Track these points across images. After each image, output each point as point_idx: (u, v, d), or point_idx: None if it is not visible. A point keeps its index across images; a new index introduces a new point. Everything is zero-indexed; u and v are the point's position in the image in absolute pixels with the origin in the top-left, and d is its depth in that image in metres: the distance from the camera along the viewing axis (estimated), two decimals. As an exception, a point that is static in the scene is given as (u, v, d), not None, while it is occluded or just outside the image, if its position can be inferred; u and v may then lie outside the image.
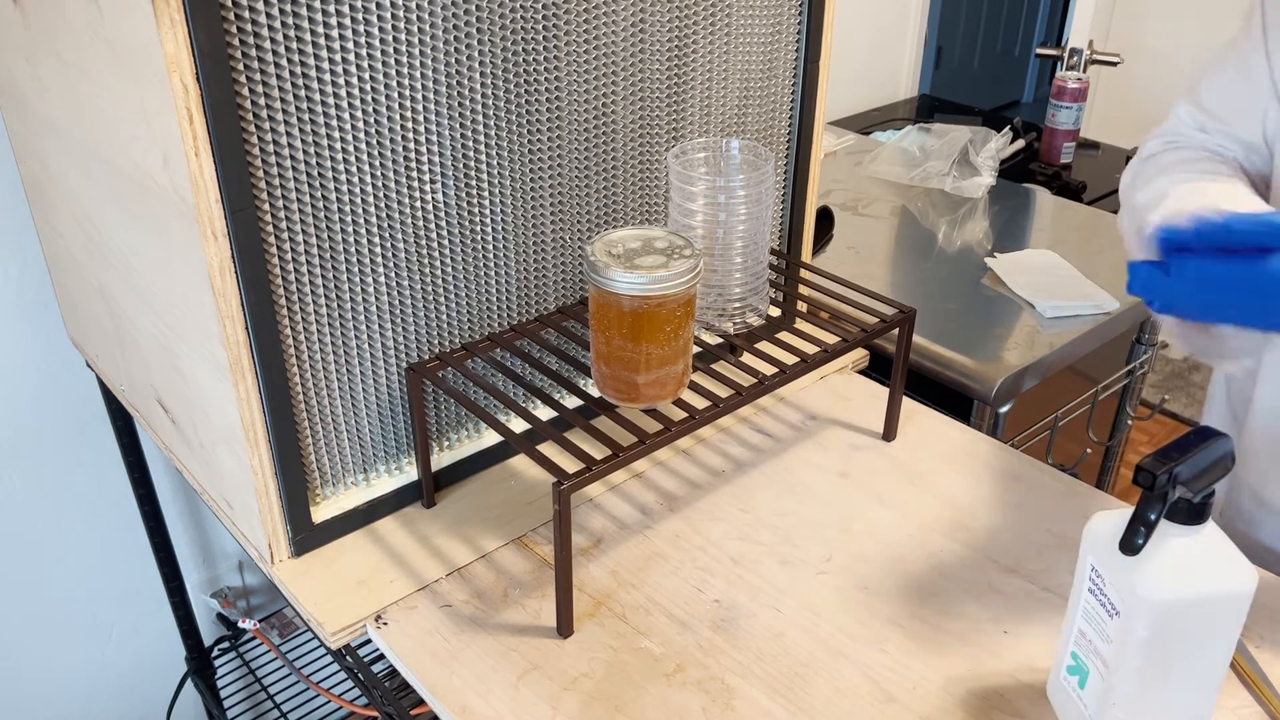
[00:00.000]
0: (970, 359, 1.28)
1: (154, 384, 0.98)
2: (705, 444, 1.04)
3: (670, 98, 0.98)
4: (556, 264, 0.97)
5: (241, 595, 1.63)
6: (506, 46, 0.84)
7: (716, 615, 0.83)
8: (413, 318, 0.88)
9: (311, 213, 0.78)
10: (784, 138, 1.11)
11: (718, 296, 0.95)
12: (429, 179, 0.84)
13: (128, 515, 1.42)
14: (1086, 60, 1.94)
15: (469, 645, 0.80)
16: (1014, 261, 1.46)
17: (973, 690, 0.76)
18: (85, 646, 1.50)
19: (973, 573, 0.87)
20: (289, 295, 0.79)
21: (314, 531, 0.88)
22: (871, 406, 1.09)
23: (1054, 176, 1.87)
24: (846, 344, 0.94)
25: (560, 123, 0.91)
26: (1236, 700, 0.75)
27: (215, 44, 0.67)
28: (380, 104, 0.78)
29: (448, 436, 0.97)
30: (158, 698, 1.59)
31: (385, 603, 0.84)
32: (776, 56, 1.06)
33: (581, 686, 0.77)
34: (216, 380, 0.81)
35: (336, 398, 0.86)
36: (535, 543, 0.91)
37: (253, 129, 0.72)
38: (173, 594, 1.47)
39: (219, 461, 0.89)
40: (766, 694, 0.76)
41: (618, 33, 0.91)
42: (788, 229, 1.16)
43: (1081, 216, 1.66)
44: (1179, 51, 2.59)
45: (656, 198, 1.03)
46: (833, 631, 0.82)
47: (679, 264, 0.78)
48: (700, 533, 0.92)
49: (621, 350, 0.80)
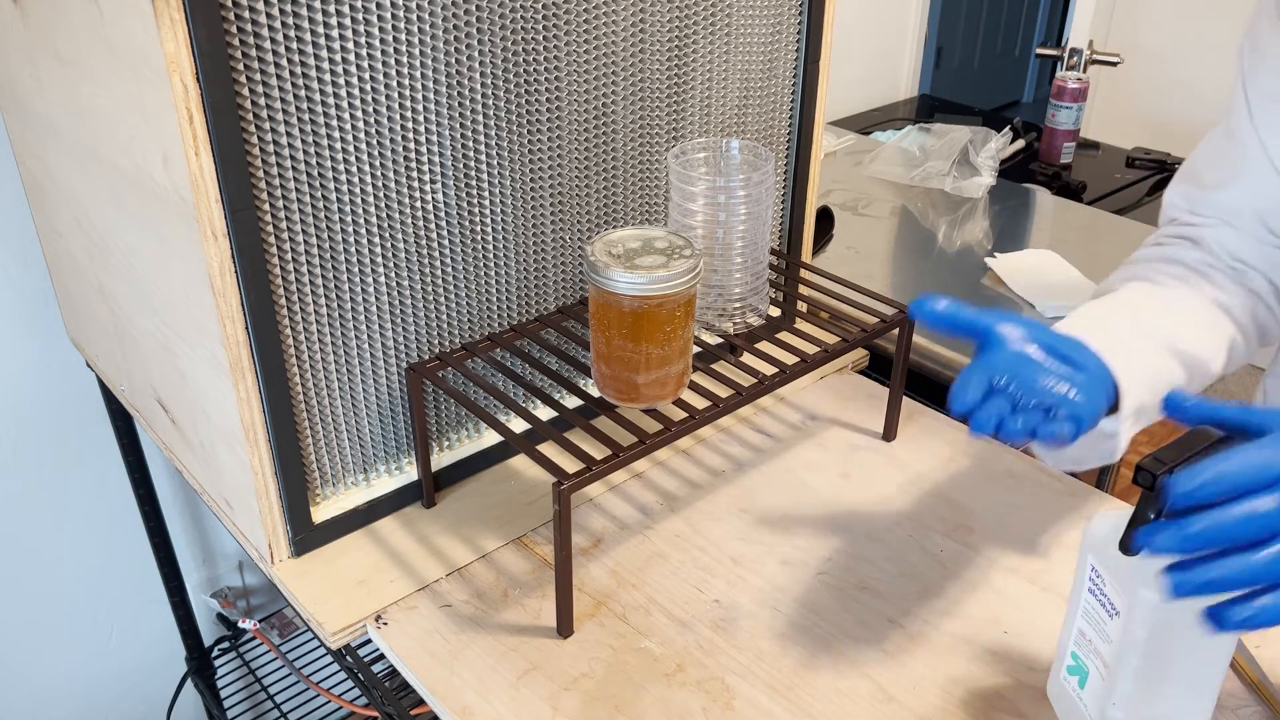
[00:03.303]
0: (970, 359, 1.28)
1: (154, 384, 0.98)
2: (705, 444, 1.04)
3: (670, 98, 0.98)
4: (556, 264, 0.97)
5: (241, 595, 1.63)
6: (506, 46, 0.84)
7: (716, 615, 0.83)
8: (413, 318, 0.88)
9: (311, 213, 0.78)
10: (784, 138, 1.11)
11: (718, 296, 0.95)
12: (429, 179, 0.84)
13: (128, 515, 1.42)
14: (1086, 60, 1.94)
15: (469, 645, 0.80)
16: (1014, 261, 1.45)
17: (973, 690, 0.76)
18: (85, 646, 1.50)
19: (973, 573, 0.87)
20: (289, 295, 0.79)
21: (314, 531, 0.88)
22: (871, 406, 1.09)
23: (1054, 176, 1.87)
24: (846, 344, 0.94)
25: (560, 123, 0.91)
26: (1237, 700, 0.75)
27: (215, 44, 0.67)
28: (380, 104, 0.78)
29: (448, 436, 0.96)
30: (158, 698, 1.59)
31: (385, 603, 0.84)
32: (776, 56, 1.06)
33: (581, 686, 0.77)
34: (216, 380, 0.81)
35: (336, 398, 0.86)
36: (535, 543, 0.91)
37: (253, 129, 0.72)
38: (173, 594, 1.47)
39: (219, 461, 0.89)
40: (766, 694, 0.76)
41: (618, 33, 0.91)
42: (788, 229, 1.16)
43: (1081, 216, 1.66)
44: (1179, 51, 2.59)
45: (656, 198, 1.03)
46: (833, 631, 0.82)
47: (679, 264, 0.78)
48: (700, 533, 0.92)
49: (621, 350, 0.80)
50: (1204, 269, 0.85)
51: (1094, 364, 0.69)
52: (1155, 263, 0.86)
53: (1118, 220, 1.64)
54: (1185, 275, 0.84)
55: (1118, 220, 1.64)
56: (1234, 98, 0.84)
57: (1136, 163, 1.94)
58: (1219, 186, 0.85)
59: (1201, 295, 0.82)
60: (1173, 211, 0.90)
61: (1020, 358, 0.67)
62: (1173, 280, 0.83)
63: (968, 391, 0.64)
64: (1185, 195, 0.89)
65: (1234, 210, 0.84)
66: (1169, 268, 0.85)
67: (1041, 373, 0.67)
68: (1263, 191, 0.82)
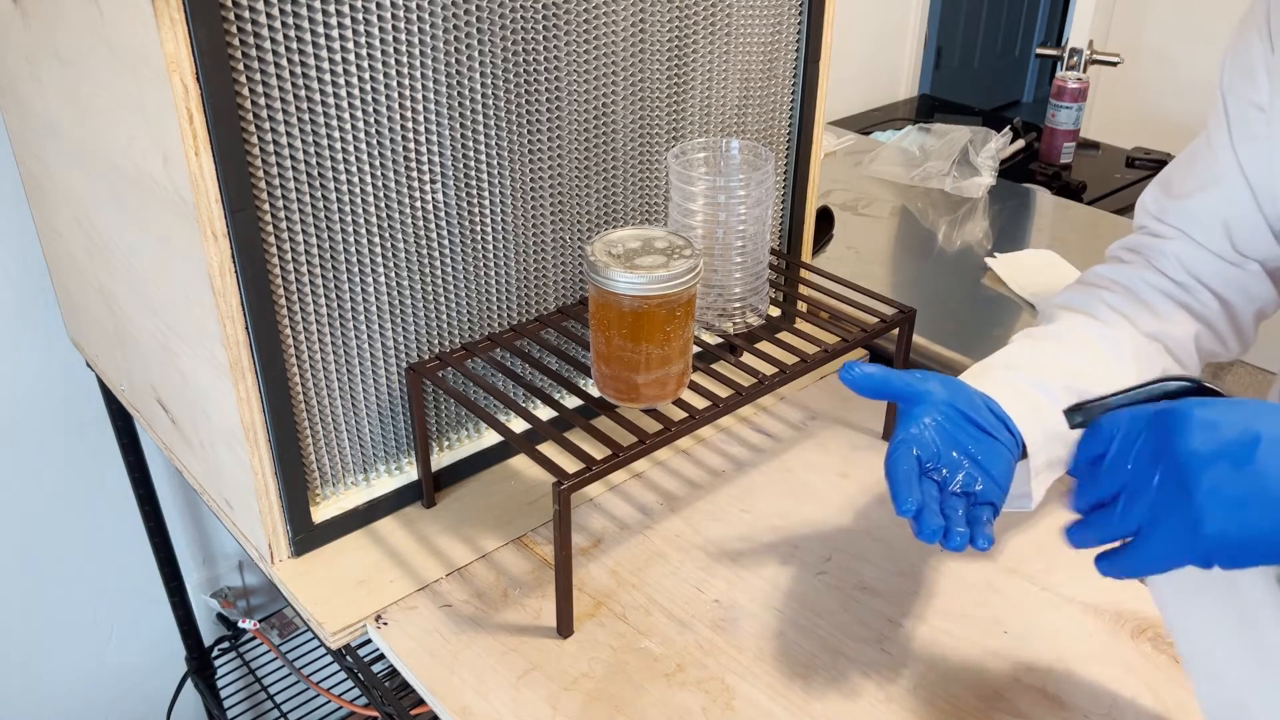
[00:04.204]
0: (970, 359, 1.27)
1: (154, 384, 0.98)
2: (705, 444, 1.04)
3: (670, 98, 0.98)
4: (556, 264, 0.97)
5: (241, 595, 1.63)
6: (506, 46, 0.84)
7: (716, 615, 0.83)
8: (413, 318, 0.88)
9: (311, 213, 0.78)
10: (784, 138, 1.11)
11: (718, 296, 0.95)
12: (429, 179, 0.84)
13: (128, 515, 1.42)
14: (1086, 60, 1.94)
15: (469, 645, 0.80)
16: (1014, 261, 1.45)
17: (973, 690, 0.76)
18: (85, 646, 1.50)
19: (973, 573, 0.87)
20: (289, 295, 0.79)
21: (314, 531, 0.88)
22: (871, 406, 1.09)
23: (1054, 176, 1.87)
24: (846, 344, 0.94)
25: (560, 123, 0.91)
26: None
27: (215, 44, 0.67)
28: (380, 104, 0.78)
29: (448, 436, 0.96)
30: (158, 698, 1.59)
31: (385, 603, 0.84)
32: (776, 56, 1.06)
33: (581, 686, 0.77)
34: (216, 380, 0.81)
35: (336, 398, 0.86)
36: (535, 543, 0.91)
37: (253, 129, 0.72)
38: (173, 594, 1.47)
39: (219, 461, 0.89)
40: (766, 694, 0.76)
41: (618, 33, 0.91)
42: (788, 229, 1.16)
43: (1081, 216, 1.66)
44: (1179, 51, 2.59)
45: (656, 198, 1.03)
46: (833, 631, 0.82)
47: (679, 264, 0.78)
48: (700, 533, 0.92)
49: (621, 350, 0.80)
50: (1151, 297, 0.85)
51: (1003, 433, 0.73)
52: (1098, 289, 0.87)
53: (1118, 220, 1.63)
54: (1125, 306, 0.84)
55: (1118, 220, 1.63)
56: (1214, 108, 0.84)
57: (1136, 163, 1.94)
58: (1188, 195, 0.85)
59: (1136, 333, 0.83)
60: (1142, 216, 0.91)
61: (939, 431, 0.70)
62: (1109, 311, 0.84)
63: (908, 494, 0.67)
64: (1155, 200, 0.89)
65: (1199, 220, 0.84)
66: (1111, 296, 0.85)
67: (956, 448, 0.70)
68: (1232, 202, 0.82)
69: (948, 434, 0.70)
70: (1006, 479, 0.71)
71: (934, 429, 0.70)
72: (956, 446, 0.70)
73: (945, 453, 0.70)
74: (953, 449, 0.70)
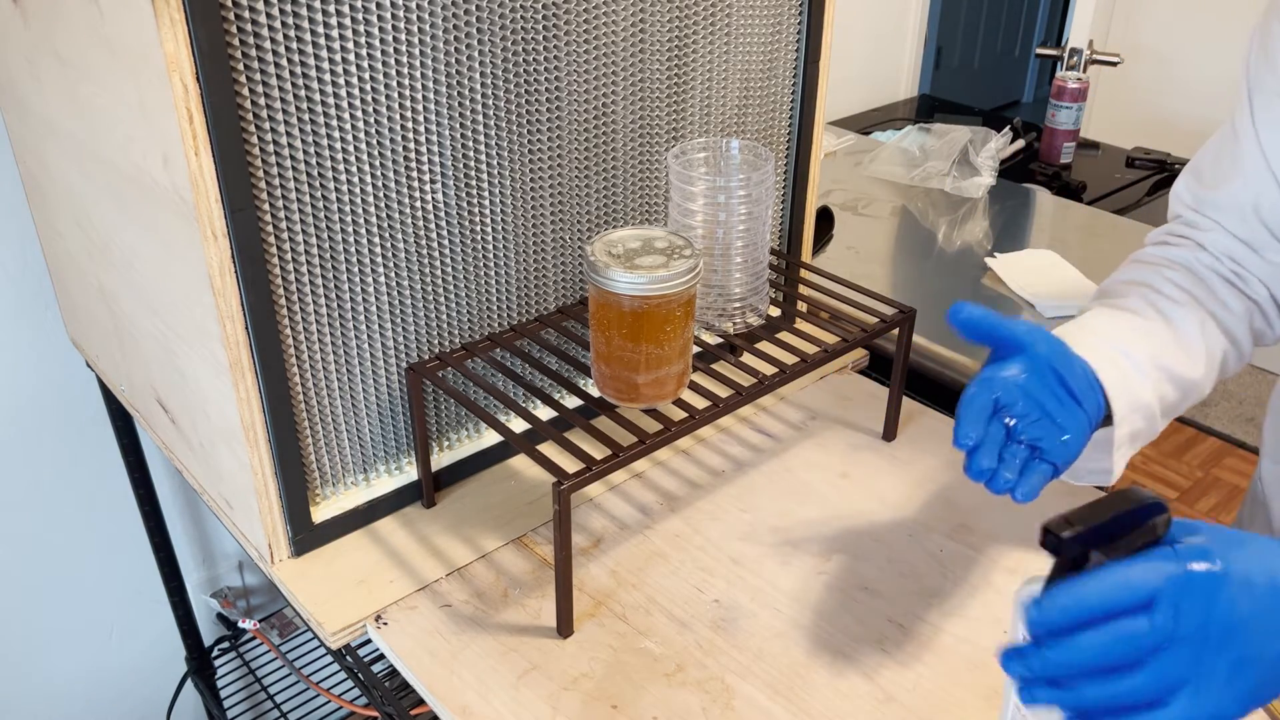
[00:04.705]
0: (970, 359, 1.28)
1: (154, 384, 0.98)
2: (705, 444, 1.04)
3: (670, 98, 0.98)
4: (556, 264, 0.97)
5: (241, 595, 1.63)
6: (506, 46, 0.84)
7: (716, 615, 0.83)
8: (413, 318, 0.88)
9: (311, 213, 0.78)
10: (784, 138, 1.11)
11: (718, 296, 0.95)
12: (429, 179, 0.84)
13: (128, 515, 1.42)
14: (1086, 60, 1.94)
15: (469, 645, 0.80)
16: (1014, 261, 1.45)
17: (973, 690, 0.76)
18: (85, 646, 1.50)
19: (973, 573, 0.87)
20: (289, 295, 0.79)
21: (314, 531, 0.88)
22: (871, 406, 1.09)
23: (1054, 176, 1.87)
24: (846, 344, 0.94)
25: (560, 123, 0.91)
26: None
27: (215, 44, 0.67)
28: (380, 104, 0.78)
29: (448, 436, 0.96)
30: (158, 698, 1.59)
31: (385, 603, 0.84)
32: (776, 56, 1.06)
33: (581, 686, 0.77)
34: (216, 380, 0.81)
35: (336, 398, 0.86)
36: (535, 543, 0.91)
37: (253, 129, 0.72)
38: (173, 594, 1.47)
39: (219, 461, 0.89)
40: (766, 694, 0.76)
41: (618, 33, 0.91)
42: (788, 229, 1.16)
43: (1081, 216, 1.66)
44: (1179, 51, 2.59)
45: (656, 198, 1.03)
46: (833, 631, 0.82)
47: (679, 264, 0.78)
48: (700, 533, 0.92)
49: (621, 350, 0.80)
50: (1207, 275, 0.85)
51: (1091, 403, 0.72)
52: (1160, 267, 0.87)
53: (1118, 220, 1.64)
54: (1188, 284, 0.84)
55: (1118, 220, 1.64)
56: (1238, 94, 0.84)
57: (1136, 163, 1.94)
58: (1216, 185, 0.86)
59: (1201, 311, 0.83)
60: (1177, 205, 0.91)
61: (1026, 384, 0.70)
62: (1175, 289, 0.84)
63: (971, 429, 0.67)
64: (1190, 188, 0.90)
65: (1230, 209, 0.85)
66: (1173, 274, 0.85)
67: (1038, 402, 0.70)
68: (1258, 190, 0.82)
69: (1034, 388, 0.70)
70: (1076, 445, 0.71)
71: (1023, 379, 0.70)
72: (1039, 401, 0.70)
73: (1025, 402, 0.69)
74: (1035, 402, 0.69)
